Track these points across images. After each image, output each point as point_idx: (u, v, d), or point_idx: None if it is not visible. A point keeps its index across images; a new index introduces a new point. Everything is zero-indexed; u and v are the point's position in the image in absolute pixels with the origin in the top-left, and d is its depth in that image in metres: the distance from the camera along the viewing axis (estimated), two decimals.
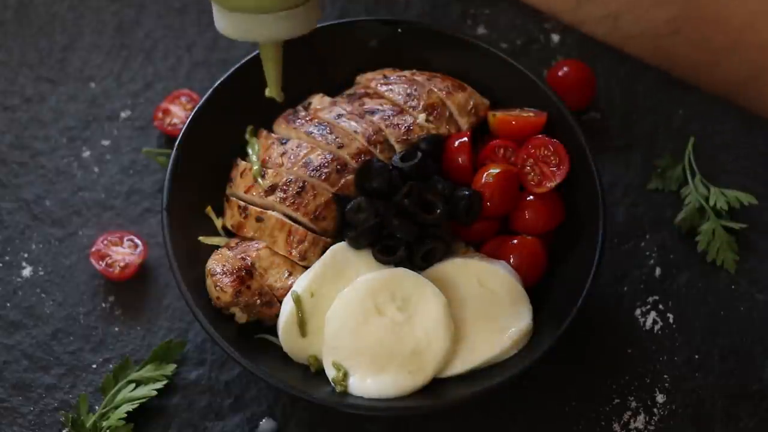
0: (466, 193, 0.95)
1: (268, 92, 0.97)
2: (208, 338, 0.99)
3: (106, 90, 1.14)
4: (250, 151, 1.00)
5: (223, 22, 0.89)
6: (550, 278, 0.97)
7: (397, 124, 0.99)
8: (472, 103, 1.01)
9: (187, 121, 0.98)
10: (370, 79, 1.03)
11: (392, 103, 1.01)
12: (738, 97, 0.98)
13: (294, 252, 0.94)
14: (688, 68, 0.62)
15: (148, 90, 1.14)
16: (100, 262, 1.02)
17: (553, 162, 0.97)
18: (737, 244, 1.05)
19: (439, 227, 0.94)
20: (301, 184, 0.95)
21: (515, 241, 0.96)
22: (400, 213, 0.93)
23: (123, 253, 1.03)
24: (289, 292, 0.92)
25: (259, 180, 0.97)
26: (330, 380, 0.91)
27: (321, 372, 0.92)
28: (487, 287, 0.94)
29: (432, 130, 0.99)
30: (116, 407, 0.96)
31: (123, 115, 1.13)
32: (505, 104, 1.02)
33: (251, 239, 0.97)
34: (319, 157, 0.96)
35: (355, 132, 0.98)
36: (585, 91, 1.11)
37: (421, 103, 1.00)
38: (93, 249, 1.03)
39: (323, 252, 0.94)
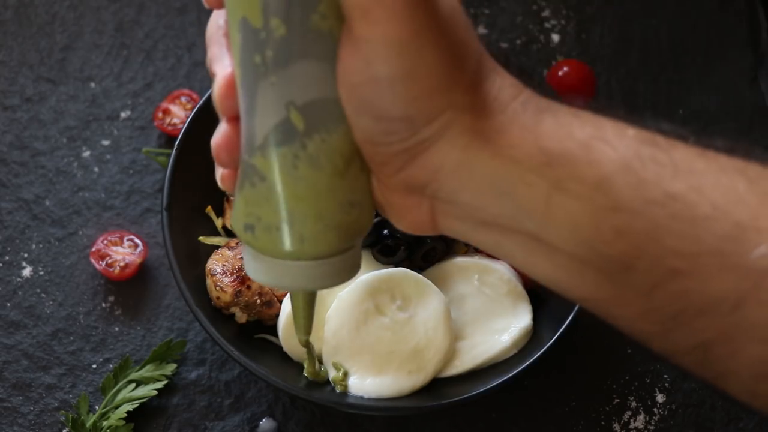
0: None
1: (297, 337, 0.78)
2: (208, 338, 0.99)
3: (106, 90, 1.14)
4: None
5: (253, 266, 0.69)
6: None
7: None
8: None
9: (187, 121, 0.98)
10: None
11: None
12: None
13: None
14: None
15: (148, 90, 1.14)
16: (100, 262, 1.03)
17: None
18: None
19: None
20: None
21: None
22: None
23: (123, 252, 1.03)
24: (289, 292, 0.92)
25: None
26: (330, 380, 0.91)
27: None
28: (487, 287, 0.94)
29: None
30: (116, 407, 0.96)
31: (123, 115, 1.13)
32: None
33: None
34: None
35: None
36: (585, 91, 1.11)
37: None
38: (93, 249, 1.03)
39: None
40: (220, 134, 0.68)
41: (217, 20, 0.67)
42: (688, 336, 0.57)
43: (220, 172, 0.70)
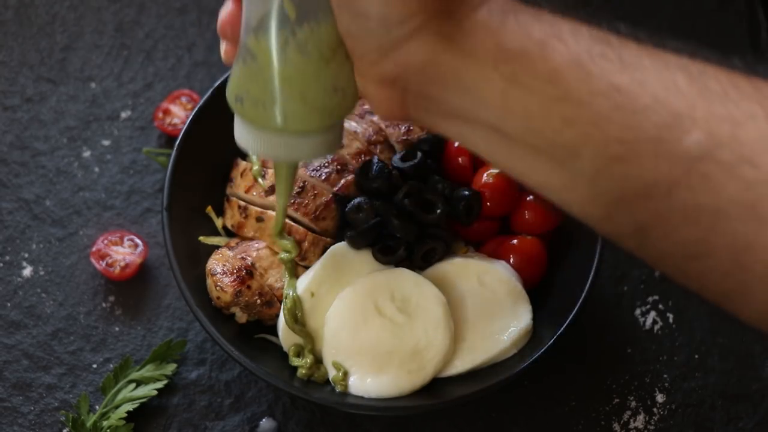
0: (466, 193, 0.95)
1: (277, 202, 0.87)
2: (208, 338, 0.99)
3: (106, 90, 1.14)
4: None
5: (241, 133, 0.74)
6: (550, 278, 0.97)
7: (398, 124, 0.99)
8: None
9: (187, 121, 0.98)
10: None
11: None
12: None
13: None
14: (718, 294, 0.62)
15: (149, 90, 1.14)
16: (101, 262, 1.03)
17: None
18: None
19: (439, 227, 0.94)
20: (301, 184, 0.95)
21: (515, 241, 0.96)
22: (400, 213, 0.93)
23: (123, 252, 1.03)
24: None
25: (260, 180, 0.97)
26: (330, 380, 0.91)
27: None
28: (487, 287, 0.94)
29: None
30: (117, 407, 0.96)
31: (123, 115, 1.13)
32: None
33: (251, 239, 0.97)
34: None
35: (355, 132, 0.98)
36: None
37: None
38: (93, 249, 1.03)
39: (323, 252, 0.94)
40: (225, 11, 0.74)
41: None
42: (628, 219, 0.62)
43: (223, 46, 0.76)
